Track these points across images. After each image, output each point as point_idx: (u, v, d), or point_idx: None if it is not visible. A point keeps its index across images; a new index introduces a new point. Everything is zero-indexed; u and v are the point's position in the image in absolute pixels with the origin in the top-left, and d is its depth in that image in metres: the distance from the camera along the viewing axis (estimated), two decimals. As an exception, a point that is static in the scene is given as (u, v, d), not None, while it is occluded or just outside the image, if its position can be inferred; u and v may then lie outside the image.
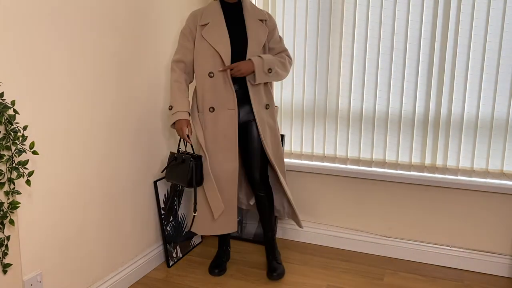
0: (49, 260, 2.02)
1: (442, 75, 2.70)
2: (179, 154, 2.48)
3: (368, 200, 2.96)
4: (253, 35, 2.46)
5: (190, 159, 2.41)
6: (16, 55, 1.76)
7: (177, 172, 2.47)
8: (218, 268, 2.69)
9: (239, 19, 2.48)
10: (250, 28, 2.46)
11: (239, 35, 2.46)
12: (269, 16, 2.55)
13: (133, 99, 2.46)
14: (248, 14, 2.48)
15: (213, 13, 2.45)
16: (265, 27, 2.50)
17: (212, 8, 2.47)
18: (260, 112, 2.52)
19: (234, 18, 2.48)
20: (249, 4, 2.52)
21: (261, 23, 2.49)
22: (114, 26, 2.27)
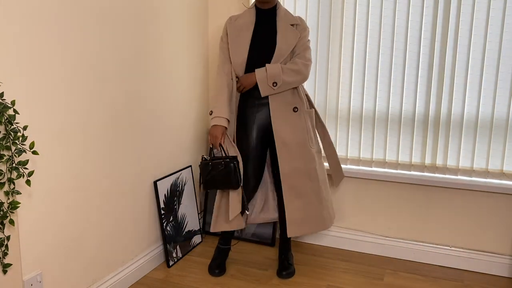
0: (49, 260, 2.02)
1: (442, 75, 2.70)
2: (214, 162, 2.47)
3: (368, 200, 2.96)
4: (282, 37, 2.50)
5: (232, 162, 2.43)
6: (16, 55, 1.76)
7: (219, 179, 2.46)
8: (218, 268, 2.69)
9: (271, 24, 2.54)
10: (280, 31, 2.51)
11: (267, 38, 2.52)
12: (301, 21, 2.58)
13: (134, 99, 2.47)
14: (281, 20, 2.53)
15: (245, 17, 2.56)
16: (296, 32, 2.53)
17: (247, 13, 2.58)
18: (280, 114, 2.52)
19: (266, 23, 2.54)
20: (283, 11, 2.57)
21: (293, 27, 2.53)
22: (114, 26, 2.27)
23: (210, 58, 3.20)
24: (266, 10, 2.56)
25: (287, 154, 2.53)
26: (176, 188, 2.88)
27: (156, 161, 2.71)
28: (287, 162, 2.53)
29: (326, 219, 2.64)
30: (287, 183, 2.54)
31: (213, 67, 3.20)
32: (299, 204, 2.56)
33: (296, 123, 2.54)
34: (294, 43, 2.51)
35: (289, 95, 2.53)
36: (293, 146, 2.53)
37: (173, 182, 2.85)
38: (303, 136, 2.55)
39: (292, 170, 2.54)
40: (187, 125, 3.01)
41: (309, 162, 2.56)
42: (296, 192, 2.56)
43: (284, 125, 2.53)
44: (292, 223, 2.57)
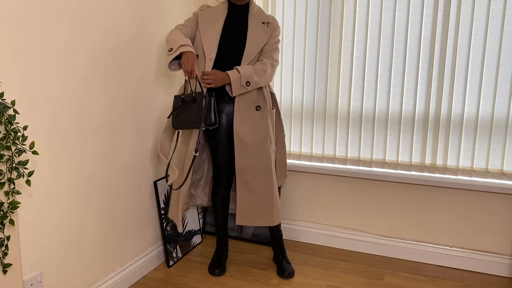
0: (49, 260, 2.02)
1: (442, 75, 2.70)
2: (187, 95, 2.32)
3: (368, 200, 2.96)
4: (252, 35, 2.49)
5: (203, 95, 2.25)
6: (16, 55, 1.76)
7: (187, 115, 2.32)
8: (218, 268, 2.69)
9: (242, 20, 2.53)
10: (251, 28, 2.50)
11: (237, 34, 2.50)
12: (273, 20, 2.57)
13: (134, 99, 2.46)
14: (252, 17, 2.52)
15: (217, 9, 2.54)
16: (267, 30, 2.52)
17: (220, 6, 2.56)
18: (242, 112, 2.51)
19: (237, 19, 2.53)
20: (256, 8, 2.57)
21: (264, 25, 2.52)
22: (114, 26, 2.27)
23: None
24: (238, 6, 2.55)
25: (243, 151, 2.53)
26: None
27: (156, 161, 2.70)
28: (243, 158, 2.53)
29: (275, 216, 2.62)
30: (240, 178, 2.55)
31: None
32: (250, 198, 2.57)
33: (257, 121, 2.53)
34: (264, 41, 2.50)
35: (255, 93, 2.53)
36: (251, 144, 2.53)
37: (173, 182, 2.85)
38: (262, 135, 2.55)
39: (247, 167, 2.54)
40: (187, 125, 3.01)
41: (265, 160, 2.55)
42: (248, 187, 2.56)
43: (244, 122, 2.52)
44: (241, 214, 2.57)
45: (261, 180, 2.57)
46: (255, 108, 2.54)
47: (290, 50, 3.00)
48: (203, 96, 2.26)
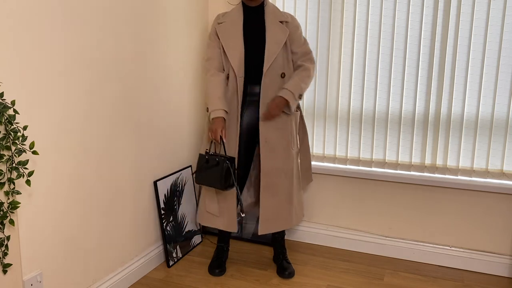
0: (49, 260, 2.02)
1: (442, 75, 2.70)
2: (211, 157, 2.46)
3: (368, 200, 2.96)
4: (271, 35, 2.49)
5: (226, 161, 2.40)
6: (16, 55, 1.76)
7: (209, 175, 2.46)
8: (219, 268, 2.69)
9: (259, 21, 2.52)
10: (269, 29, 2.49)
11: (257, 36, 2.50)
12: (291, 18, 2.57)
13: (134, 98, 2.46)
14: (269, 17, 2.52)
15: (232, 14, 2.54)
16: (285, 28, 2.52)
17: (234, 11, 2.56)
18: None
19: (254, 21, 2.53)
20: (272, 7, 2.56)
21: (282, 24, 2.52)
22: (114, 25, 2.27)
23: (210, 58, 3.20)
24: (253, 8, 2.54)
25: (269, 154, 2.54)
26: (176, 188, 2.88)
27: (156, 161, 2.71)
28: (268, 161, 2.54)
29: (292, 218, 2.64)
30: (265, 181, 2.55)
31: (213, 67, 3.20)
32: (272, 203, 2.58)
33: (282, 124, 2.55)
34: (284, 40, 2.50)
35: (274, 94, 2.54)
36: (277, 146, 2.54)
37: (173, 182, 2.85)
38: (287, 138, 2.57)
39: (273, 169, 2.55)
40: (187, 124, 3.01)
41: (288, 162, 2.58)
42: (272, 190, 2.57)
43: (270, 124, 2.53)
44: (264, 221, 2.58)
45: (283, 183, 2.58)
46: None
47: (290, 50, 3.00)
48: (225, 163, 2.39)
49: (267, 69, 2.48)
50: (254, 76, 2.52)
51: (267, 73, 2.49)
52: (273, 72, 2.50)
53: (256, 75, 2.51)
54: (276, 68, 2.50)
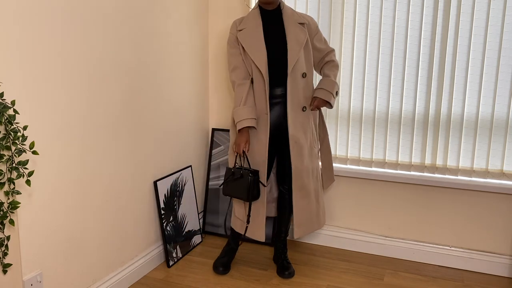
0: (49, 260, 2.02)
1: (442, 75, 2.70)
2: (236, 169, 2.50)
3: (368, 200, 2.96)
4: (292, 37, 2.49)
5: (249, 174, 2.44)
6: (16, 55, 1.76)
7: (235, 187, 2.50)
8: (223, 266, 2.71)
9: (278, 25, 2.52)
10: (289, 30, 2.50)
11: (277, 39, 2.50)
12: (310, 19, 2.59)
13: (134, 99, 2.46)
14: (287, 19, 2.52)
15: (251, 20, 2.52)
16: (304, 30, 2.52)
17: (251, 15, 2.54)
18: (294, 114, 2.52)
19: (273, 24, 2.52)
20: (289, 10, 2.56)
21: (301, 26, 2.53)
22: (114, 25, 2.27)
23: (210, 58, 3.20)
24: (271, 11, 2.54)
25: (299, 154, 2.54)
26: (176, 188, 2.88)
27: (156, 161, 2.71)
28: (299, 161, 2.54)
29: (321, 219, 2.69)
30: (297, 182, 2.55)
31: (213, 67, 3.20)
32: (304, 204, 2.59)
33: (305, 122, 2.56)
34: (304, 41, 2.50)
35: (302, 94, 2.54)
36: (304, 145, 2.55)
37: (173, 182, 2.85)
38: (310, 136, 2.58)
39: (303, 170, 2.55)
40: (187, 125, 3.01)
41: (314, 161, 2.60)
42: (303, 192, 2.57)
43: (297, 125, 2.53)
44: (299, 224, 2.58)
45: (312, 182, 2.59)
46: (301, 109, 2.55)
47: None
48: (248, 176, 2.45)
49: (291, 71, 2.48)
50: (277, 78, 2.51)
51: (291, 74, 2.49)
52: (296, 73, 2.50)
53: (279, 77, 2.51)
54: (298, 68, 2.51)
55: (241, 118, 2.46)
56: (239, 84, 2.50)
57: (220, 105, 3.23)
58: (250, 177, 2.44)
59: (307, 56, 2.55)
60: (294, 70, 2.49)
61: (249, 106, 2.47)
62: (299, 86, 2.52)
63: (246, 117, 2.45)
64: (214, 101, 3.24)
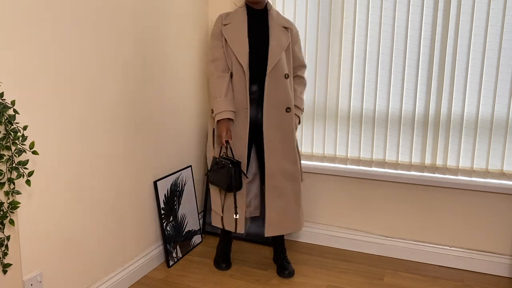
0: (49, 260, 2.02)
1: (442, 75, 2.70)
2: (220, 159, 2.52)
3: (368, 200, 2.96)
4: (275, 38, 2.52)
5: (229, 165, 2.46)
6: (16, 55, 1.76)
7: (218, 176, 2.52)
8: (225, 262, 2.73)
9: (263, 24, 2.55)
10: (273, 32, 2.53)
11: (261, 38, 2.53)
12: (293, 27, 2.63)
13: (134, 99, 2.46)
14: (273, 20, 2.55)
15: (237, 16, 2.56)
16: (288, 35, 2.56)
17: (238, 12, 2.58)
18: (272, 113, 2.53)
19: (258, 23, 2.55)
20: (275, 13, 2.60)
21: (285, 30, 2.56)
22: (114, 26, 2.27)
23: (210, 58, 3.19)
24: (257, 10, 2.57)
25: (274, 155, 2.56)
26: (176, 188, 2.88)
27: (156, 161, 2.71)
28: (274, 162, 2.56)
29: (301, 220, 2.68)
30: (271, 183, 2.57)
31: (213, 67, 3.20)
32: (279, 205, 2.59)
33: (287, 123, 2.56)
34: (286, 45, 2.54)
35: (284, 94, 2.55)
36: (281, 147, 2.56)
37: (173, 182, 2.85)
38: (292, 137, 2.58)
39: (278, 171, 2.57)
40: (187, 125, 3.01)
41: (294, 163, 2.60)
42: (277, 192, 2.59)
43: (274, 125, 2.55)
44: (270, 223, 2.60)
45: (290, 184, 2.60)
46: (285, 109, 2.55)
47: (290, 50, 3.00)
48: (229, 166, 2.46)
49: (270, 71, 2.50)
50: (256, 76, 2.53)
51: (270, 74, 2.51)
52: (276, 74, 2.52)
53: (257, 75, 2.53)
54: (279, 69, 2.52)
55: (221, 110, 2.48)
56: (218, 76, 2.52)
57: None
58: (230, 167, 2.45)
59: (289, 59, 2.59)
60: (276, 70, 2.51)
61: (229, 99, 2.50)
62: (280, 86, 2.54)
63: (226, 109, 2.47)
64: (214, 101, 3.24)
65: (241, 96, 2.52)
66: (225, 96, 2.48)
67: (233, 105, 2.50)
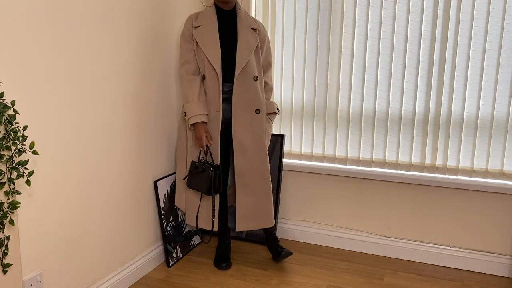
0: (49, 260, 2.02)
1: (442, 75, 2.70)
2: (199, 163, 2.54)
3: (368, 200, 2.96)
4: (243, 40, 2.55)
5: (210, 169, 2.48)
6: (16, 55, 1.76)
7: (197, 180, 2.54)
8: (225, 262, 2.74)
9: (231, 25, 2.57)
10: (241, 34, 2.55)
11: (229, 40, 2.56)
12: (261, 26, 2.66)
13: (134, 99, 2.46)
14: (241, 22, 2.57)
15: (207, 17, 2.56)
16: (256, 36, 2.59)
17: (207, 13, 2.58)
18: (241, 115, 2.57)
19: (227, 24, 2.57)
20: (244, 13, 2.61)
21: (253, 31, 2.59)
22: (114, 26, 2.27)
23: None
24: (226, 11, 2.59)
25: (243, 154, 2.60)
26: (176, 188, 2.87)
27: (156, 161, 2.71)
28: (242, 161, 2.60)
29: (272, 217, 2.70)
30: (240, 181, 2.62)
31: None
32: (250, 201, 2.64)
33: (257, 124, 2.60)
34: (254, 46, 2.57)
35: (254, 96, 2.58)
36: (251, 146, 2.60)
37: (173, 182, 2.85)
38: (262, 138, 2.61)
39: (247, 170, 2.61)
40: (187, 125, 3.01)
41: (264, 162, 2.63)
42: (248, 190, 2.63)
43: (243, 125, 2.58)
44: (241, 218, 2.65)
45: (260, 182, 2.63)
46: (254, 111, 2.58)
47: (291, 50, 3.00)
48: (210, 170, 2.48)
49: (239, 73, 2.53)
50: (227, 76, 2.56)
51: (239, 76, 2.54)
52: (246, 75, 2.55)
53: (228, 76, 2.56)
54: (249, 71, 2.56)
55: (195, 113, 2.50)
56: (189, 79, 2.54)
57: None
58: (211, 171, 2.48)
59: (258, 60, 2.61)
60: (244, 72, 2.54)
61: (201, 102, 2.52)
62: (249, 88, 2.56)
63: (199, 112, 2.50)
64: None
65: (214, 99, 2.55)
66: (198, 99, 2.51)
67: (206, 108, 2.53)
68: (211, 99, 2.56)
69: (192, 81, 2.53)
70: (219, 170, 2.52)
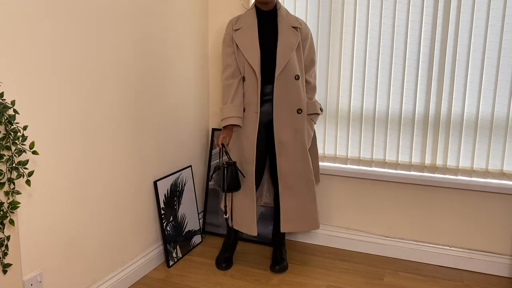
0: (49, 260, 2.02)
1: (442, 75, 2.70)
2: (219, 162, 2.56)
3: (368, 200, 2.96)
4: (283, 39, 2.52)
5: (224, 165, 2.50)
6: (16, 55, 1.76)
7: (217, 178, 2.56)
8: (226, 262, 2.74)
9: (272, 25, 2.56)
10: (281, 33, 2.53)
11: (270, 40, 2.54)
12: (305, 25, 2.62)
13: (134, 99, 2.46)
14: (282, 21, 2.56)
15: (247, 19, 2.57)
16: (297, 34, 2.56)
17: (247, 15, 2.58)
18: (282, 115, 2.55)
19: (267, 25, 2.56)
20: (284, 12, 2.60)
21: (294, 30, 2.56)
22: (114, 26, 2.27)
23: (210, 58, 3.20)
24: (267, 11, 2.57)
25: (285, 155, 2.58)
26: (176, 188, 2.88)
27: (156, 161, 2.71)
28: (285, 162, 2.58)
29: (318, 220, 2.70)
30: (283, 182, 2.61)
31: (213, 67, 3.20)
32: (294, 203, 2.62)
33: (299, 124, 2.57)
34: (295, 45, 2.53)
35: (295, 96, 2.56)
36: (293, 147, 2.58)
37: (173, 182, 2.85)
38: (303, 138, 2.59)
39: (289, 171, 2.59)
40: (187, 125, 3.01)
41: (307, 163, 2.61)
42: (292, 192, 2.61)
43: (285, 125, 2.56)
44: (286, 220, 2.63)
45: (305, 184, 2.62)
46: (296, 111, 2.57)
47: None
48: (223, 167, 2.50)
49: (279, 73, 2.51)
50: (267, 77, 2.55)
51: (280, 76, 2.52)
52: (287, 75, 2.53)
53: (269, 76, 2.55)
54: (290, 70, 2.53)
55: (227, 116, 2.52)
56: (227, 83, 2.56)
57: (220, 105, 3.23)
58: (225, 167, 2.49)
59: (300, 59, 2.58)
60: (285, 72, 2.52)
61: (235, 105, 2.53)
62: (290, 88, 2.55)
63: (232, 115, 2.51)
64: (214, 101, 3.25)
65: (252, 100, 2.55)
66: (231, 102, 2.53)
67: (240, 110, 2.54)
68: (249, 101, 2.56)
69: (229, 85, 2.56)
70: (233, 166, 2.52)
